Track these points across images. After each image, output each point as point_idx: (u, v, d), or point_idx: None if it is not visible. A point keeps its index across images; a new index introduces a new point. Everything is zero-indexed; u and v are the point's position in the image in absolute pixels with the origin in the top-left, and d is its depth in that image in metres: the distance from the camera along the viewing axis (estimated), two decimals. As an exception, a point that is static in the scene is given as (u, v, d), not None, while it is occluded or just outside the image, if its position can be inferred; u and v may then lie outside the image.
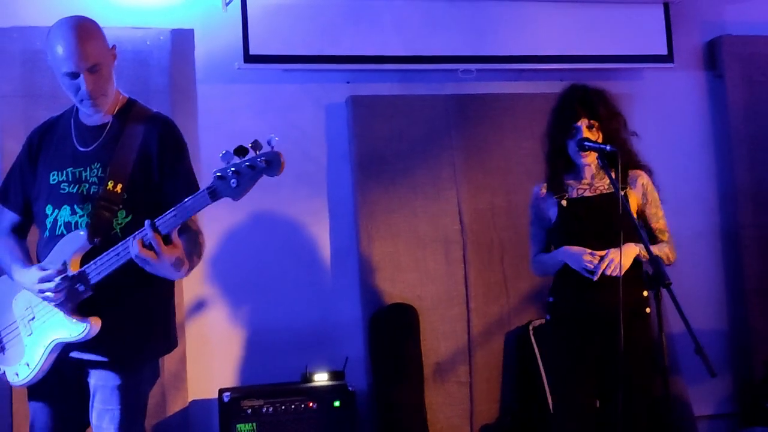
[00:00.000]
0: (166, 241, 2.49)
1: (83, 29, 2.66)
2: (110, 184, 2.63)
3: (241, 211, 4.51)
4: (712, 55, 5.19)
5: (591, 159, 3.30)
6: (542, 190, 3.43)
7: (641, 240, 2.98)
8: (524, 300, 4.67)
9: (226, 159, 2.43)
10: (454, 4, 4.75)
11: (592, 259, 3.15)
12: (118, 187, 2.64)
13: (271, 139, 2.40)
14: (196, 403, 4.34)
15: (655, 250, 3.21)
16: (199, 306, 4.45)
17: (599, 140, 3.26)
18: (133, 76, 4.31)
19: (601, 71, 4.89)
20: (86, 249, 2.61)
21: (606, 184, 3.32)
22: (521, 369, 4.48)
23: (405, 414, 4.36)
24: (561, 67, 4.86)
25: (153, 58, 4.36)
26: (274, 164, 2.39)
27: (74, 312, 2.60)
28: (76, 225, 2.65)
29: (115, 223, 2.65)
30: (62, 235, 2.65)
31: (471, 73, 4.76)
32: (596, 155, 3.25)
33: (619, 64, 4.99)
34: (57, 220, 2.67)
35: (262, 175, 2.42)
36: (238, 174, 2.41)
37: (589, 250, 3.17)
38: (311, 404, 4.10)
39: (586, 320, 3.25)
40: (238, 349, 4.46)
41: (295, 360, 4.36)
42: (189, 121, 4.48)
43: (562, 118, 3.32)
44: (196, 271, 4.34)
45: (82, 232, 2.61)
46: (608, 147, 3.11)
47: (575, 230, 3.28)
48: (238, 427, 4.02)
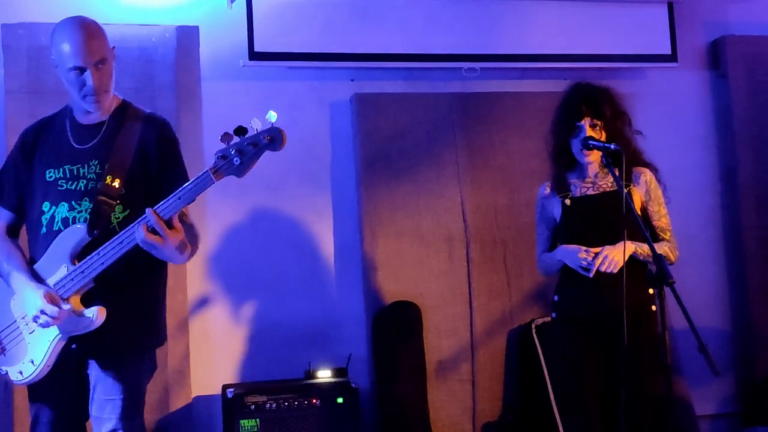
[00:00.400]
0: (169, 225, 2.57)
1: (89, 27, 2.73)
2: (109, 179, 2.69)
3: (245, 209, 4.54)
4: (716, 55, 5.19)
5: (594, 157, 3.31)
6: (547, 190, 3.45)
7: (645, 239, 2.97)
8: (527, 298, 4.68)
9: (227, 140, 2.53)
10: (459, 3, 4.76)
11: (586, 256, 3.16)
12: (117, 182, 2.70)
13: (270, 117, 2.50)
14: (200, 399, 4.35)
15: (644, 246, 3.22)
16: (203, 303, 4.46)
17: (603, 139, 3.27)
18: (139, 73, 4.33)
19: (605, 70, 4.90)
20: (85, 242, 2.65)
21: (609, 182, 3.33)
22: (524, 367, 4.48)
23: (407, 411, 4.36)
24: (565, 66, 4.86)
25: (158, 55, 4.38)
26: (277, 140, 2.51)
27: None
28: (74, 220, 2.68)
29: (113, 217, 2.70)
30: (59, 230, 2.68)
31: (475, 71, 4.77)
32: (600, 154, 3.26)
33: (622, 64, 4.99)
34: (54, 217, 2.69)
35: (265, 151, 2.53)
36: (240, 152, 2.52)
37: (584, 248, 3.18)
38: (314, 401, 4.11)
39: (591, 318, 3.26)
40: (241, 345, 4.47)
41: (298, 357, 4.37)
42: (194, 118, 4.51)
43: (565, 116, 3.33)
44: (200, 268, 4.43)
45: (80, 226, 2.65)
46: (612, 146, 3.12)
47: (579, 229, 3.29)
48: (242, 422, 4.03)
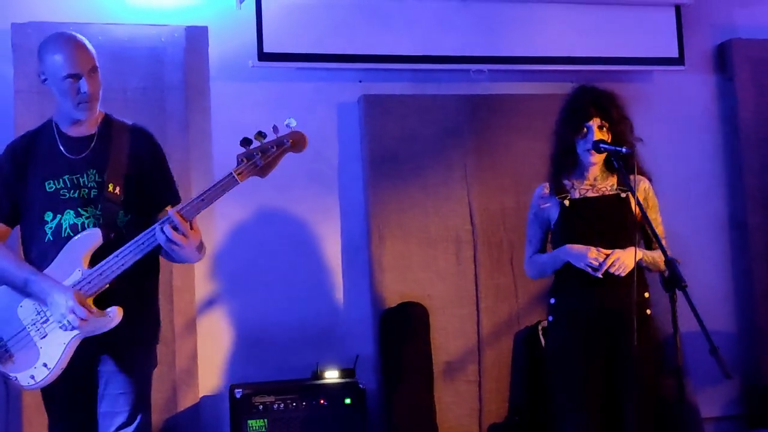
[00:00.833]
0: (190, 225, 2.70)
1: (78, 38, 2.83)
2: (110, 187, 2.79)
3: (253, 210, 4.54)
4: (723, 58, 5.20)
5: (599, 159, 3.30)
6: (545, 190, 3.41)
7: (658, 243, 2.98)
8: (533, 300, 4.68)
9: (247, 144, 2.70)
10: (467, 5, 4.76)
11: (597, 255, 3.15)
12: (117, 189, 2.80)
13: (290, 122, 2.73)
14: (207, 399, 4.37)
15: (654, 254, 3.24)
16: (211, 303, 4.47)
17: (608, 142, 3.27)
18: (148, 72, 4.35)
19: (613, 73, 4.91)
20: (99, 245, 2.73)
21: (609, 185, 3.33)
22: (530, 369, 4.47)
23: (414, 412, 4.37)
24: (572, 68, 4.85)
25: (167, 55, 4.39)
26: (300, 142, 2.75)
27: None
28: (83, 226, 2.77)
29: (118, 221, 2.80)
30: (69, 237, 2.75)
31: (483, 73, 4.78)
32: (603, 157, 3.26)
33: (630, 66, 5.00)
34: (61, 224, 2.77)
35: (287, 152, 2.74)
36: (264, 154, 2.70)
37: (594, 248, 3.18)
38: (322, 401, 4.12)
39: (592, 320, 3.25)
40: (249, 346, 4.47)
41: (306, 357, 4.38)
42: (202, 118, 4.52)
43: (574, 117, 3.31)
44: (207, 268, 4.44)
45: (96, 230, 2.74)
46: (624, 149, 3.13)
47: (578, 230, 3.27)
48: (250, 423, 4.04)
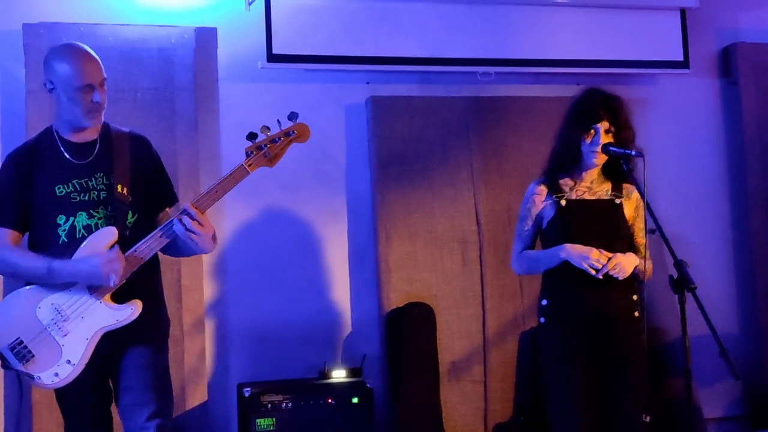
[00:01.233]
0: None
1: (88, 50, 2.90)
2: (119, 188, 2.87)
3: (261, 210, 4.57)
4: (727, 62, 5.23)
5: (600, 162, 3.31)
6: (540, 187, 3.38)
7: (668, 248, 3.02)
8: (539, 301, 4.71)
9: (253, 138, 2.83)
10: (474, 8, 4.79)
11: (600, 257, 3.16)
12: (125, 191, 2.88)
13: (293, 115, 2.87)
14: (215, 398, 4.39)
15: (642, 262, 3.25)
16: (219, 302, 4.50)
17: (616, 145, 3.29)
18: (158, 73, 4.37)
19: (618, 76, 4.95)
20: (115, 241, 2.80)
21: (604, 190, 3.34)
22: (535, 369, 4.51)
23: (420, 411, 4.41)
24: (578, 71, 4.89)
25: (177, 56, 4.41)
26: (304, 133, 2.90)
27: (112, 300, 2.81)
28: (96, 226, 2.84)
29: (127, 222, 2.89)
30: (83, 237, 2.83)
31: (489, 75, 4.81)
32: (605, 160, 3.28)
33: (635, 70, 5.03)
34: (75, 226, 2.85)
35: (293, 143, 2.89)
36: (272, 144, 2.84)
37: (596, 249, 3.17)
38: (330, 400, 4.15)
39: (584, 323, 3.23)
40: (257, 345, 4.50)
41: (313, 357, 4.42)
42: (211, 118, 4.55)
43: (582, 118, 3.30)
44: (216, 268, 4.46)
45: (111, 227, 2.82)
46: (633, 152, 3.15)
47: (574, 231, 3.25)
48: (258, 421, 4.07)
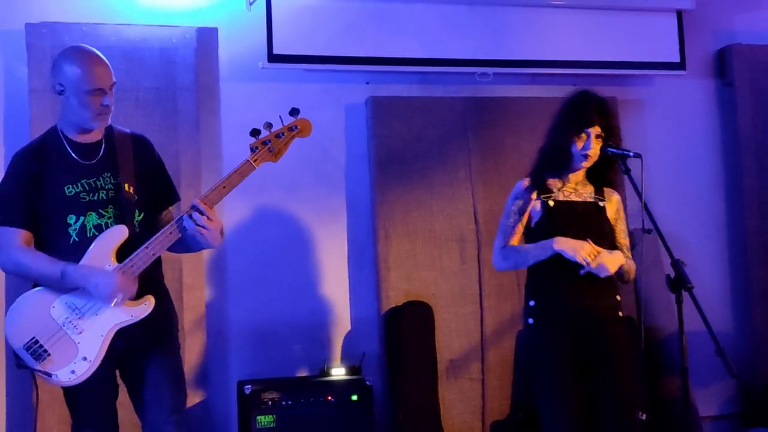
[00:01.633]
0: None
1: (98, 54, 2.93)
2: (126, 186, 2.92)
3: (261, 209, 4.60)
4: (723, 64, 5.27)
5: (588, 164, 3.33)
6: (527, 184, 3.40)
7: (665, 249, 3.06)
8: (536, 300, 4.75)
9: (256, 134, 2.88)
10: (473, 9, 4.83)
11: (592, 251, 3.17)
12: (131, 189, 2.94)
13: (295, 110, 2.91)
14: (216, 395, 4.43)
15: (630, 263, 3.31)
16: (219, 300, 4.53)
17: (597, 150, 3.29)
18: (160, 73, 4.40)
19: (614, 77, 5.00)
20: (125, 239, 2.85)
21: (588, 192, 3.37)
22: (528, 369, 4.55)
23: (419, 409, 4.44)
24: (575, 72, 4.93)
25: (179, 56, 4.44)
26: (307, 128, 2.97)
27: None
28: (106, 225, 2.89)
29: (135, 220, 2.94)
30: (94, 236, 2.87)
31: (488, 76, 4.84)
32: (592, 163, 3.31)
33: (632, 71, 5.06)
34: (85, 225, 2.89)
35: (296, 137, 2.96)
36: (276, 139, 2.90)
37: (589, 243, 3.18)
38: (330, 398, 4.19)
39: (573, 322, 3.24)
40: (257, 343, 4.53)
41: (313, 355, 4.47)
42: (213, 119, 4.57)
43: (576, 120, 3.31)
44: (216, 266, 4.49)
45: (122, 225, 2.86)
46: (632, 153, 3.18)
47: (562, 232, 3.25)
48: (258, 418, 4.09)
